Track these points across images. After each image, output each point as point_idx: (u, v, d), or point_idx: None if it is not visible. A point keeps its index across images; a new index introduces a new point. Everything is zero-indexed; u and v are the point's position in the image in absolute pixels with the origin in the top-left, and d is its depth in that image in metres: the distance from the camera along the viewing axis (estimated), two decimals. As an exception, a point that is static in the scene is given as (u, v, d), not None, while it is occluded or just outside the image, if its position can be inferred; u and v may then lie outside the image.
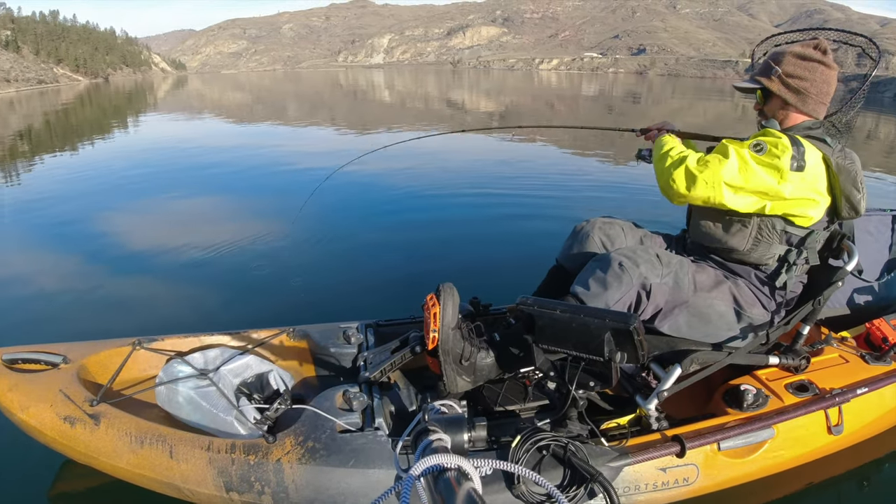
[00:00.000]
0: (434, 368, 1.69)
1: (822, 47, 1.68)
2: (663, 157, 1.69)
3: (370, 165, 7.81)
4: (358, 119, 14.42)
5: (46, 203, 5.79)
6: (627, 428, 1.66)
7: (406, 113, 15.14)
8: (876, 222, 2.17)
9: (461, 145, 10.45)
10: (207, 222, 5.08)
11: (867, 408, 1.79)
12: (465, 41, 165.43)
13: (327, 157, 8.29)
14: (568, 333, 1.45)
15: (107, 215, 5.30)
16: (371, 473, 1.44)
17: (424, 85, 36.90)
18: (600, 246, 1.86)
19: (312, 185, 4.53)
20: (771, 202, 1.58)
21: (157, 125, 15.06)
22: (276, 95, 19.66)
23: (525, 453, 1.44)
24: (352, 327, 2.08)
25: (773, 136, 1.59)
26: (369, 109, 16.87)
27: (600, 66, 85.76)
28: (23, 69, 66.30)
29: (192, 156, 9.10)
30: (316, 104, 15.22)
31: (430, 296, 1.68)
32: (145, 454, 1.49)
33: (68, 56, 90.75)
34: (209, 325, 2.12)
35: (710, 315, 1.68)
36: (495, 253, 4.17)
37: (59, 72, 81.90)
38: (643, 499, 1.57)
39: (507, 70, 61.89)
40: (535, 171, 7.72)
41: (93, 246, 4.37)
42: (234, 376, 1.81)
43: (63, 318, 3.05)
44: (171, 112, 18.66)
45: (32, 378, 1.67)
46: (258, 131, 12.98)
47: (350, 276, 3.71)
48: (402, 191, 6.39)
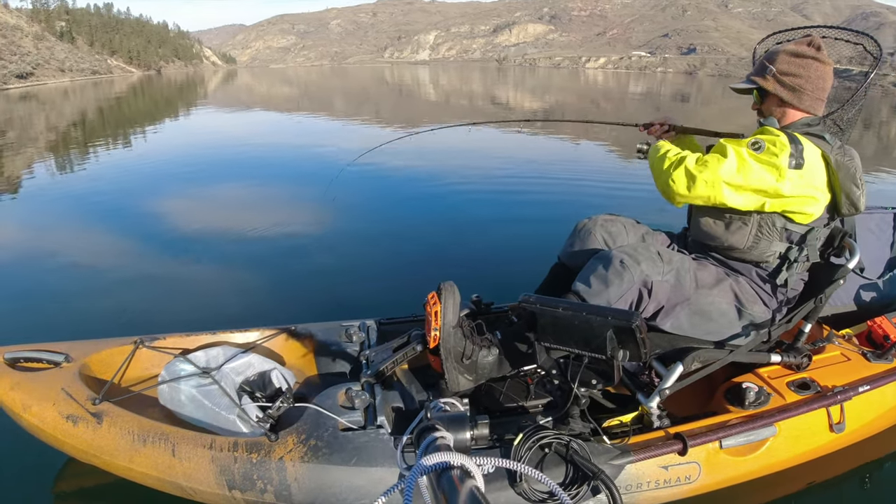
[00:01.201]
0: (436, 367, 1.69)
1: (815, 44, 1.68)
2: (661, 159, 1.69)
3: (373, 164, 7.81)
4: (403, 114, 14.25)
5: (63, 196, 5.81)
6: (629, 426, 1.66)
7: (450, 109, 14.91)
8: (878, 220, 2.16)
9: (463, 144, 10.44)
10: (209, 222, 5.08)
11: (869, 406, 1.79)
12: (511, 38, 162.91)
13: (345, 154, 8.30)
14: (570, 331, 1.45)
15: (116, 211, 5.31)
16: (373, 471, 1.44)
17: (469, 82, 36.59)
18: (602, 243, 1.86)
19: (321, 183, 4.53)
20: (770, 200, 1.58)
21: (202, 118, 15.20)
22: (323, 90, 19.68)
23: (527, 451, 1.44)
24: (354, 326, 2.08)
25: (771, 134, 1.59)
26: (414, 105, 16.69)
27: (648, 66, 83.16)
28: (77, 59, 66.96)
29: (213, 152, 9.12)
30: (361, 99, 15.09)
31: (431, 294, 1.68)
32: (148, 453, 1.49)
33: (122, 48, 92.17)
34: (211, 324, 2.13)
35: (712, 312, 1.68)
36: (497, 251, 4.17)
37: (113, 63, 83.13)
38: (645, 497, 1.57)
39: (553, 68, 60.86)
40: (536, 169, 7.71)
41: (92, 244, 4.38)
42: (236, 374, 1.81)
43: (65, 317, 3.05)
44: (219, 105, 18.92)
45: (34, 377, 1.67)
46: (289, 124, 12.87)
47: (352, 275, 3.71)
48: (403, 190, 6.39)
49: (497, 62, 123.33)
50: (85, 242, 4.43)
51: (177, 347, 1.93)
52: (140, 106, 21.33)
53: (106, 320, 3.00)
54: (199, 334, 2.00)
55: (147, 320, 2.97)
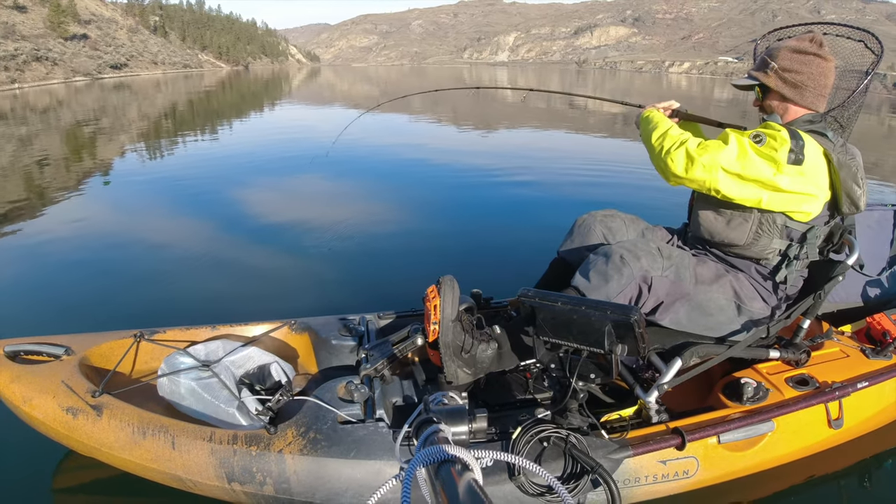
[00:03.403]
0: (435, 360, 1.70)
1: (817, 40, 1.67)
2: (662, 136, 1.65)
3: (370, 159, 7.81)
4: (478, 116, 14.02)
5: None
6: (628, 420, 1.66)
7: (528, 111, 14.69)
8: (878, 217, 2.16)
9: (465, 138, 10.44)
10: (211, 217, 5.07)
11: (867, 402, 1.79)
12: (593, 41, 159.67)
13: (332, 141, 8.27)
14: (569, 326, 1.45)
15: (120, 208, 5.31)
16: (372, 464, 1.45)
17: (547, 84, 36.23)
18: (602, 238, 1.86)
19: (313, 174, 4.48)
20: (768, 193, 1.57)
21: (277, 113, 15.22)
22: (401, 89, 19.60)
23: (526, 445, 1.45)
24: (353, 319, 2.09)
25: (773, 129, 1.58)
26: (490, 106, 16.46)
27: (736, 72, 79.71)
28: (169, 53, 69.28)
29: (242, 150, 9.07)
30: (437, 99, 14.90)
31: (430, 288, 1.68)
32: (147, 445, 1.50)
33: (212, 44, 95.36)
34: (211, 318, 2.13)
35: (711, 308, 1.68)
36: (497, 245, 4.17)
37: (204, 58, 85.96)
38: (643, 491, 1.58)
39: (635, 72, 59.30)
40: (537, 163, 7.71)
41: (92, 240, 4.38)
42: (235, 368, 1.82)
43: (65, 310, 3.06)
44: (301, 100, 19.15)
45: (35, 369, 1.68)
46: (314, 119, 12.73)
47: (351, 269, 3.72)
48: (403, 183, 6.39)
49: (577, 65, 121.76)
50: (84, 241, 4.42)
51: (177, 341, 1.93)
52: (228, 99, 22.14)
53: (106, 314, 3.00)
54: (199, 328, 2.00)
55: (147, 314, 2.97)
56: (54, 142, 9.84)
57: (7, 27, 40.44)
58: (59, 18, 48.16)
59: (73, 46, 47.23)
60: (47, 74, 37.90)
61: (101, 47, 51.60)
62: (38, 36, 43.34)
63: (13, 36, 39.83)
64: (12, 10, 45.46)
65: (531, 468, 0.70)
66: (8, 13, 43.99)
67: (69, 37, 48.37)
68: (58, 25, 47.73)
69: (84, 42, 50.41)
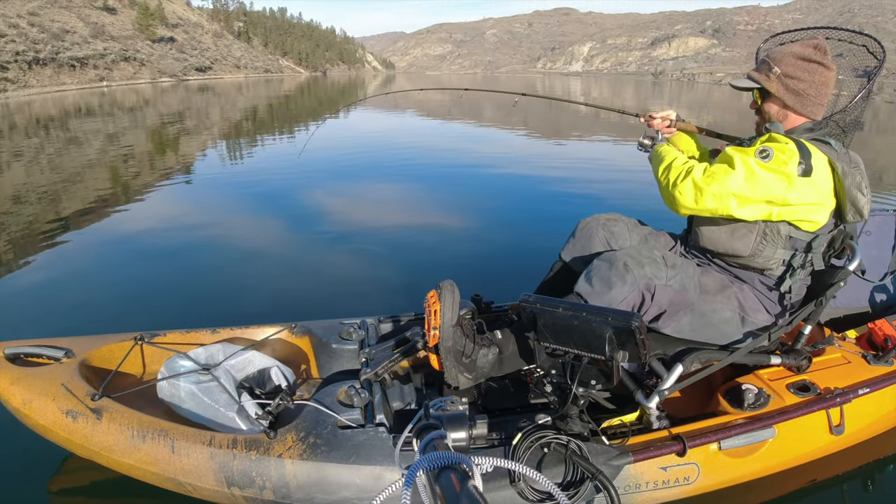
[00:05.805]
0: (435, 365, 1.69)
1: (821, 47, 1.66)
2: (667, 169, 1.66)
3: (371, 163, 7.82)
4: (550, 127, 13.99)
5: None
6: (628, 426, 1.66)
7: (600, 123, 14.55)
8: (879, 222, 2.16)
9: (464, 142, 10.45)
10: (212, 222, 5.08)
11: (869, 408, 1.79)
12: (670, 52, 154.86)
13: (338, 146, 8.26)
14: (570, 332, 1.44)
15: (123, 208, 5.32)
16: (372, 469, 1.44)
17: (622, 95, 35.55)
18: (604, 243, 1.86)
19: (311, 176, 4.47)
20: (778, 209, 1.57)
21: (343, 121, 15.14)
22: (473, 98, 19.58)
23: (526, 451, 1.44)
24: (354, 324, 2.09)
25: (779, 142, 1.57)
26: (562, 117, 16.36)
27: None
28: (252, 58, 72.61)
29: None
30: (510, 109, 14.79)
31: (431, 293, 1.68)
32: (147, 449, 1.49)
33: (293, 50, 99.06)
34: (212, 321, 2.13)
35: (714, 319, 1.67)
36: (498, 250, 4.17)
37: (284, 63, 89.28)
38: (644, 497, 1.57)
39: (714, 84, 58.36)
40: (538, 167, 7.71)
41: (92, 243, 4.38)
42: (235, 371, 1.82)
43: (65, 313, 3.05)
44: (374, 107, 18.92)
45: (34, 372, 1.68)
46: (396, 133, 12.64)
47: (352, 273, 3.72)
48: (402, 187, 6.40)
49: (653, 76, 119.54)
50: (84, 243, 4.43)
51: (177, 344, 1.93)
52: (305, 104, 22.77)
53: (107, 316, 3.00)
54: (199, 331, 2.00)
55: (148, 317, 2.97)
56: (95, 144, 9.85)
57: (96, 28, 41.72)
58: (147, 21, 49.92)
59: (161, 48, 49.03)
60: (135, 74, 39.37)
61: (186, 50, 53.51)
62: (127, 37, 44.79)
63: (102, 36, 41.13)
64: (102, 10, 47.15)
65: (531, 474, 0.70)
66: (98, 14, 45.40)
67: (157, 39, 50.24)
68: (146, 28, 49.56)
69: (171, 45, 52.30)
